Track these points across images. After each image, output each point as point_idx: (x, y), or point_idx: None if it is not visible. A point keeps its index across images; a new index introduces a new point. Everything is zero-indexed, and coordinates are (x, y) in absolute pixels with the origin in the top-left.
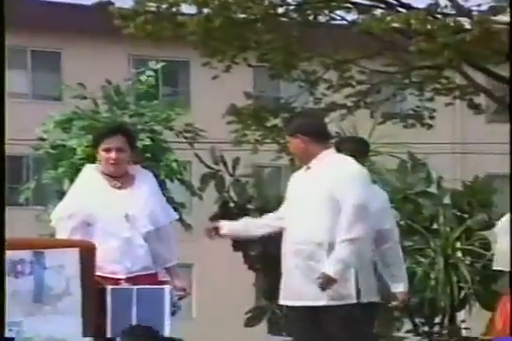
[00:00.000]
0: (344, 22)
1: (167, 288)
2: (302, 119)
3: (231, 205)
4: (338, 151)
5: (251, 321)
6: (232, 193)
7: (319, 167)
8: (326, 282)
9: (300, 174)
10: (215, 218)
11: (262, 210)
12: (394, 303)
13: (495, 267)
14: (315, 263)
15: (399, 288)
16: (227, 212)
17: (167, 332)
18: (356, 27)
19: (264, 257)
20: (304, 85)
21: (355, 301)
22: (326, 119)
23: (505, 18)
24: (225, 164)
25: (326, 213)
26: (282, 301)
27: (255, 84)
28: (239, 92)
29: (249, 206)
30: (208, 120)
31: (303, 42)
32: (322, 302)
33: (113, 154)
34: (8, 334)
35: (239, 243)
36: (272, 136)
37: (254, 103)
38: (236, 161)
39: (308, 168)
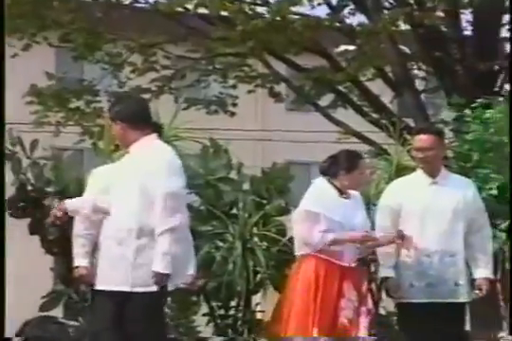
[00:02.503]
0: (147, 5)
1: None
2: (122, 105)
3: (29, 187)
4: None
5: (47, 306)
6: (30, 176)
7: (136, 154)
8: (158, 279)
9: (123, 157)
10: (12, 200)
11: (61, 194)
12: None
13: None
14: (125, 249)
15: (189, 271)
16: (24, 195)
17: None
18: (153, 7)
19: (62, 241)
20: (108, 68)
21: (155, 289)
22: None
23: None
24: (22, 145)
25: (137, 200)
26: (98, 286)
27: (58, 65)
28: (40, 72)
29: (48, 190)
30: (6, 100)
31: (108, 23)
32: (127, 288)
33: None
34: None
35: (36, 227)
36: (75, 119)
37: (56, 84)
38: (34, 143)
39: (128, 152)
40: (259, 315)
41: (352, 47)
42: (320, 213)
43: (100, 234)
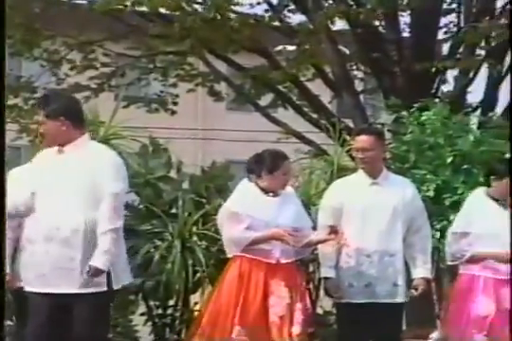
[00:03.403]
0: (85, 1)
1: None
2: (66, 102)
3: None
4: None
5: None
6: None
7: (76, 153)
8: (94, 274)
9: (50, 157)
10: None
11: None
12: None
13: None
14: (69, 250)
15: None
16: None
17: None
18: (90, 7)
19: None
20: (47, 65)
21: (105, 289)
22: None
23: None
24: None
25: (83, 200)
26: (27, 287)
27: None
28: None
29: None
30: None
31: (46, 20)
32: (74, 290)
33: None
34: None
35: None
36: (12, 116)
37: None
38: None
39: (62, 151)
40: (196, 314)
41: (291, 47)
42: (240, 212)
43: (24, 237)
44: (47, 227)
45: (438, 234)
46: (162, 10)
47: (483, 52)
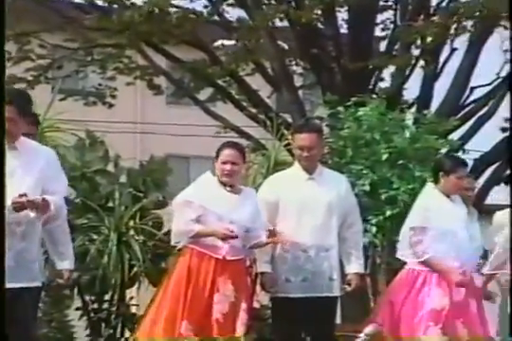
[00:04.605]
0: None
1: None
2: (22, 97)
3: None
4: None
5: None
6: None
7: (26, 151)
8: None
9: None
10: None
11: None
12: (60, 281)
13: None
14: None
15: (65, 266)
16: None
17: None
18: None
19: None
20: None
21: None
22: None
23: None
24: None
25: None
26: None
27: None
28: None
29: None
30: None
31: None
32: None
33: None
34: None
35: None
36: None
37: None
38: None
39: (15, 149)
40: (133, 309)
41: (231, 42)
42: (193, 201)
43: None
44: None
45: (374, 229)
46: (99, 2)
47: (419, 50)
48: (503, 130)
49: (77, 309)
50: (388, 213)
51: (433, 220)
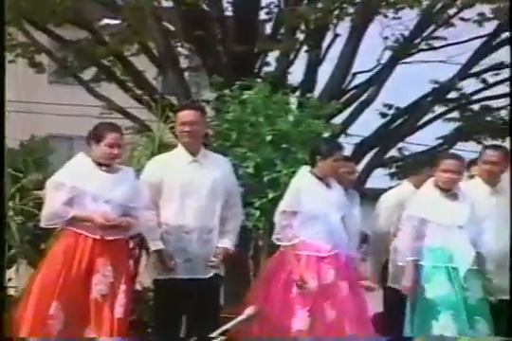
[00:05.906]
0: None
1: None
2: None
3: None
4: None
5: None
6: None
7: None
8: None
9: None
10: None
11: None
12: None
13: None
14: None
15: None
16: None
17: None
18: None
19: None
20: None
21: None
22: None
23: None
24: None
25: None
26: None
27: None
28: None
29: None
30: None
31: None
32: None
33: None
34: None
35: None
36: None
37: None
38: None
39: None
40: (11, 291)
41: (115, 22)
42: (65, 183)
43: None
44: None
45: (258, 213)
46: None
47: (303, 35)
48: (383, 115)
49: None
50: (270, 196)
51: (304, 203)
